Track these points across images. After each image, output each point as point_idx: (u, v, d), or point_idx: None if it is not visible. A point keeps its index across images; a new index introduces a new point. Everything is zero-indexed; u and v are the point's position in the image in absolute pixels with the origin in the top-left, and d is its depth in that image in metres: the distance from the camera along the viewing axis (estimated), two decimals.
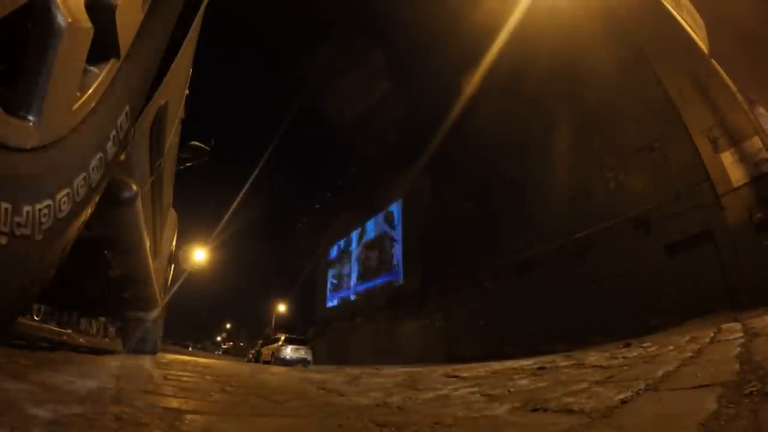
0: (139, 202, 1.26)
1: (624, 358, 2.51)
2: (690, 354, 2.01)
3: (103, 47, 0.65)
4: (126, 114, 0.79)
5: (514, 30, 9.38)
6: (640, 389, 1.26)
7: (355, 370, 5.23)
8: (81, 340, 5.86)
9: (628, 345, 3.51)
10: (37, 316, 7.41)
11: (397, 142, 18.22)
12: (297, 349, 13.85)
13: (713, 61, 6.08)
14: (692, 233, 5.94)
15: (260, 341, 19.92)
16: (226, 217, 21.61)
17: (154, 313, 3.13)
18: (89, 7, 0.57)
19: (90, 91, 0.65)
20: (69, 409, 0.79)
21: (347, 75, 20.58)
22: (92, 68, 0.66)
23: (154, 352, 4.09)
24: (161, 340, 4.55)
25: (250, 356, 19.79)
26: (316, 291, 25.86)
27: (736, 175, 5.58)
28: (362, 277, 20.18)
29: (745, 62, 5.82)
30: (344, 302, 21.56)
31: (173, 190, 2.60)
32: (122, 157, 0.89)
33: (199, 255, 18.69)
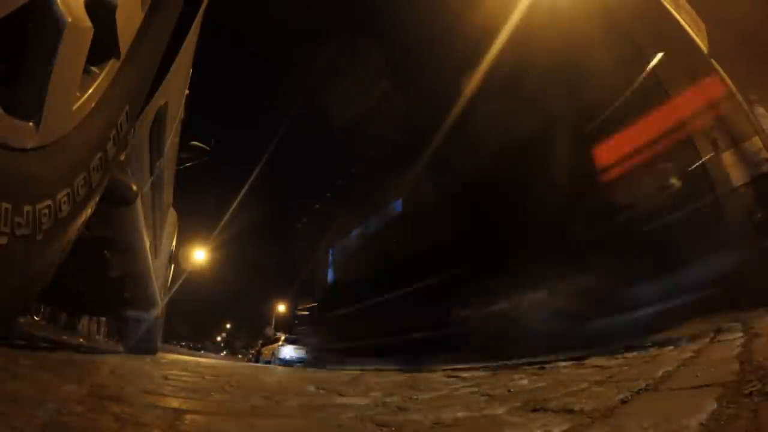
0: (139, 202, 1.26)
1: (624, 358, 2.51)
2: (690, 354, 2.01)
3: (103, 47, 0.65)
4: (126, 114, 0.79)
5: (514, 30, 9.38)
6: (640, 389, 1.26)
7: (355, 370, 5.23)
8: (81, 340, 5.86)
9: (628, 345, 3.51)
10: (37, 316, 7.41)
11: (397, 142, 18.22)
12: (297, 348, 13.88)
13: (713, 61, 6.08)
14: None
15: (260, 341, 19.95)
16: (227, 217, 21.64)
17: (154, 313, 3.13)
18: (89, 7, 0.57)
19: (90, 91, 0.65)
20: (69, 409, 0.79)
21: (347, 75, 20.59)
22: (92, 68, 0.66)
23: (154, 352, 4.09)
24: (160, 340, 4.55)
25: (250, 356, 19.82)
26: (316, 291, 25.86)
27: (736, 175, 5.58)
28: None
29: (745, 62, 5.82)
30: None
31: (173, 190, 2.60)
32: (122, 157, 0.89)
33: (199, 255, 18.71)
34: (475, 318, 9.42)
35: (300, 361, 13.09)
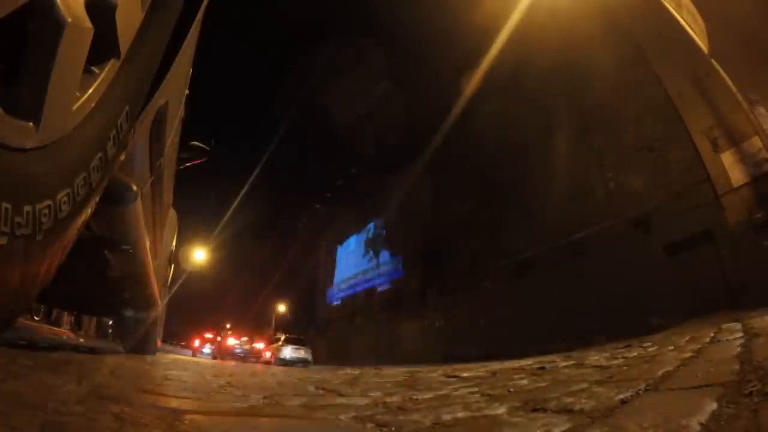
0: (139, 202, 1.26)
1: (624, 358, 2.51)
2: (690, 354, 2.01)
3: (103, 47, 0.65)
4: (126, 114, 0.79)
5: (514, 30, 9.39)
6: (640, 389, 1.26)
7: (354, 370, 5.23)
8: (81, 340, 5.87)
9: (628, 345, 3.51)
10: (37, 316, 7.41)
11: (397, 142, 18.23)
12: (297, 349, 13.88)
13: (713, 61, 6.08)
14: (692, 233, 5.94)
15: None
16: (227, 216, 21.64)
17: (154, 313, 3.13)
18: (89, 7, 0.57)
19: (90, 91, 0.65)
20: (69, 409, 0.79)
21: (347, 75, 20.60)
22: (92, 68, 0.66)
23: (153, 352, 4.09)
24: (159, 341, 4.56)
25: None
26: (316, 291, 25.86)
27: (736, 175, 5.58)
28: (362, 277, 20.18)
29: (745, 62, 5.82)
30: (344, 302, 21.56)
31: (173, 190, 2.60)
32: (122, 157, 0.89)
33: (199, 255, 18.69)
34: None
35: (301, 362, 13.10)
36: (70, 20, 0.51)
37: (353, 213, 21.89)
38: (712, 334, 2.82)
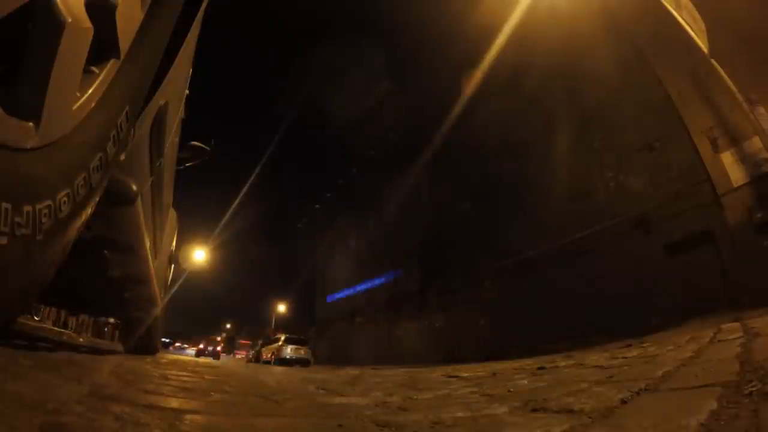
0: (139, 202, 1.26)
1: (624, 358, 2.51)
2: (690, 354, 2.01)
3: (103, 47, 0.65)
4: (126, 114, 0.79)
5: (514, 30, 9.39)
6: (640, 389, 1.26)
7: (354, 371, 5.23)
8: (81, 340, 5.85)
9: (628, 345, 3.51)
10: (37, 316, 7.39)
11: (396, 142, 18.23)
12: (297, 349, 13.89)
13: (713, 61, 6.08)
14: (692, 233, 5.94)
15: (260, 341, 19.96)
16: (227, 216, 21.66)
17: (154, 313, 3.13)
18: (89, 7, 0.57)
19: (90, 91, 0.65)
20: (69, 409, 0.79)
21: (347, 75, 20.61)
22: (92, 68, 0.66)
23: (154, 352, 4.09)
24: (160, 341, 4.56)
25: (250, 357, 19.84)
26: (316, 291, 25.87)
27: (736, 175, 5.57)
28: (362, 278, 20.18)
29: (745, 62, 5.82)
30: (344, 302, 21.56)
31: (173, 190, 2.60)
32: (122, 157, 0.89)
33: (199, 255, 18.67)
34: None
35: (301, 362, 13.09)
36: (70, 20, 0.51)
37: (353, 213, 21.89)
38: (712, 334, 2.82)
